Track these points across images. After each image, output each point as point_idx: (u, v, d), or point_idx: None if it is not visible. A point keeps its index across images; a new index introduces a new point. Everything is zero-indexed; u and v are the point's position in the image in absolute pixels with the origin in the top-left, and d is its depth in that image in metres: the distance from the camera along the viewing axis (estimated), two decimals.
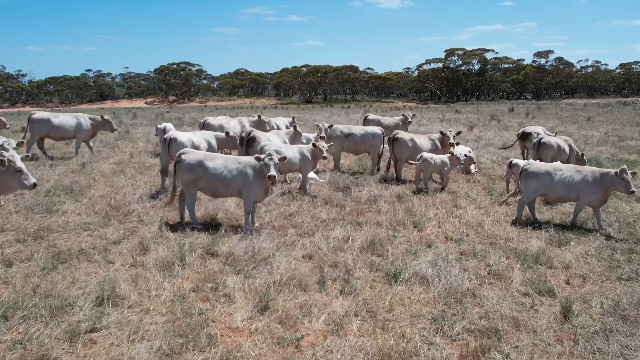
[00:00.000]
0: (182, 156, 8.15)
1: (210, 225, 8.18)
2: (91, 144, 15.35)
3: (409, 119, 17.51)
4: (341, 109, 55.22)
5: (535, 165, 9.19)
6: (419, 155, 11.34)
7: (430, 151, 12.21)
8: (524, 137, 15.41)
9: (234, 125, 15.39)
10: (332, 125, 13.31)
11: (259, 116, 16.05)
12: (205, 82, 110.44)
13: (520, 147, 15.98)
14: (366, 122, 17.31)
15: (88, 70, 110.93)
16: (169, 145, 10.33)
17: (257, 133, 11.24)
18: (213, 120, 15.45)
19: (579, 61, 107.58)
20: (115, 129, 15.44)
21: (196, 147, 10.68)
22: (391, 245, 7.58)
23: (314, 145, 10.44)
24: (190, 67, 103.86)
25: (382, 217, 9.06)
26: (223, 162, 8.14)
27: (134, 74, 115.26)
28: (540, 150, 12.43)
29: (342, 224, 8.52)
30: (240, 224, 8.41)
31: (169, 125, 14.43)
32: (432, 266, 6.63)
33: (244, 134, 11.29)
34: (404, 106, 64.99)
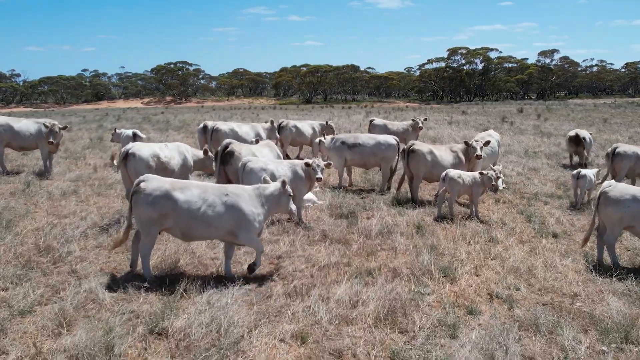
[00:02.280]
0: (142, 184, 5.92)
1: (167, 278, 5.96)
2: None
3: (420, 124, 15.34)
4: (342, 109, 53.00)
5: (618, 188, 6.93)
6: (444, 173, 9.15)
7: (453, 166, 10.05)
8: (576, 141, 14.29)
9: (246, 131, 13.30)
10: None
11: (272, 122, 14.01)
12: (203, 82, 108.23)
13: (570, 152, 14.78)
14: (372, 127, 15.14)
15: (84, 70, 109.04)
16: (126, 163, 8.07)
17: (236, 147, 8.97)
18: (224, 125, 13.29)
19: (583, 60, 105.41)
20: (53, 142, 12.04)
21: (163, 165, 8.44)
22: (417, 312, 5.38)
23: (306, 164, 8.26)
24: (187, 67, 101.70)
25: (399, 260, 6.87)
26: (200, 193, 5.97)
27: (130, 74, 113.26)
28: (615, 161, 10.43)
29: (348, 273, 6.33)
30: (207, 274, 6.21)
31: (139, 133, 12.20)
32: (484, 356, 4.44)
33: (219, 148, 9.03)
34: (407, 106, 62.76)
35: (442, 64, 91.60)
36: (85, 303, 5.28)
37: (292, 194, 6.34)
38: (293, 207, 6.38)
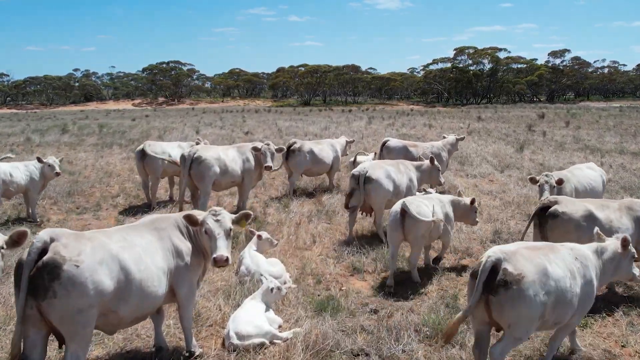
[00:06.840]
0: (515, 273, 3.70)
1: None
2: None
3: (457, 146, 10.62)
4: (341, 112, 48.21)
5: None
6: None
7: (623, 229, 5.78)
8: None
9: (230, 156, 8.87)
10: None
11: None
12: (197, 82, 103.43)
13: None
14: (385, 151, 10.11)
15: (75, 69, 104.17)
16: None
17: (67, 249, 3.34)
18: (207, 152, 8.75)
19: (595, 61, 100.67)
20: None
21: None
22: None
23: None
24: (181, 67, 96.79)
25: None
26: (559, 261, 3.91)
27: (122, 74, 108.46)
28: None
29: None
30: None
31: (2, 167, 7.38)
32: None
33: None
34: (412, 110, 57.97)
35: (448, 64, 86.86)
36: None
37: (636, 255, 4.50)
38: (637, 271, 4.56)
